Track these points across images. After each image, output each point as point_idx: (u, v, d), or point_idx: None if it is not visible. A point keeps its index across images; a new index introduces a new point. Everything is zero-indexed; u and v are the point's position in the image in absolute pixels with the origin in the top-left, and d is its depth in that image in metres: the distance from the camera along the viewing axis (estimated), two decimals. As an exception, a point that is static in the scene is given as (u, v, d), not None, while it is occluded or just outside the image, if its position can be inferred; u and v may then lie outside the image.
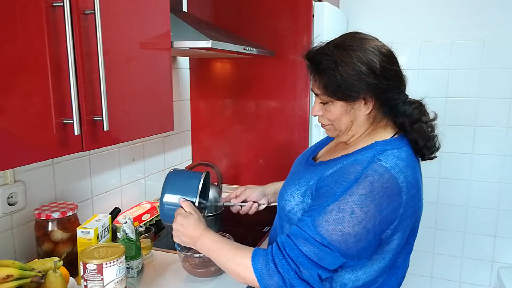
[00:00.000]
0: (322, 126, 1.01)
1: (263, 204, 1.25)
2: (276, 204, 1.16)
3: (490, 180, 2.18)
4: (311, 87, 0.98)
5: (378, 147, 0.92)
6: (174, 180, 1.09)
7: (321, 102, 0.96)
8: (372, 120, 0.96)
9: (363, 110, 0.93)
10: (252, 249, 0.91)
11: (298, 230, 0.87)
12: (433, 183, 2.28)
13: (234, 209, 1.24)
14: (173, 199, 1.06)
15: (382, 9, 2.22)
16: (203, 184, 1.08)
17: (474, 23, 2.08)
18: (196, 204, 1.05)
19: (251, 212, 1.23)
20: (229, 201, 1.23)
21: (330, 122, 0.97)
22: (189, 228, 1.00)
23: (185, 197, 1.05)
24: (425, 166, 1.02)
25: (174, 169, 1.14)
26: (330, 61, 0.89)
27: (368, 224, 0.83)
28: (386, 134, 0.96)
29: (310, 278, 0.83)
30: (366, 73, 0.88)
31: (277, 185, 1.27)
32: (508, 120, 2.11)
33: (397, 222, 0.87)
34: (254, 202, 1.23)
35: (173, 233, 1.03)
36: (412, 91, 0.96)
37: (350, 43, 0.91)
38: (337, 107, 0.94)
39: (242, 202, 1.23)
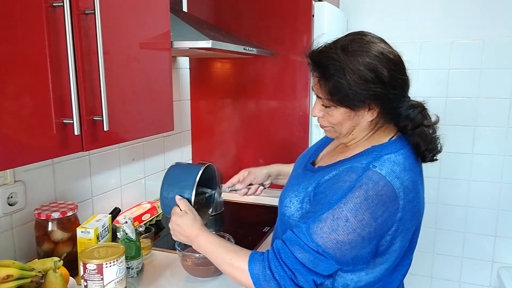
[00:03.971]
0: (321, 127, 1.00)
1: (267, 184, 1.26)
2: (277, 184, 1.22)
3: (490, 180, 2.18)
4: (311, 86, 0.96)
5: (375, 152, 0.91)
6: (173, 174, 1.10)
7: (322, 105, 0.94)
8: (374, 125, 0.95)
9: (366, 117, 0.91)
10: (248, 252, 0.92)
11: (293, 237, 0.87)
12: (433, 183, 2.28)
13: (240, 193, 1.23)
14: (170, 194, 1.07)
15: (382, 9, 2.22)
16: (208, 176, 1.09)
17: (474, 23, 2.08)
18: (192, 202, 1.06)
19: (257, 193, 1.24)
20: (234, 187, 1.22)
21: (331, 125, 0.96)
22: (184, 228, 1.00)
23: (182, 194, 1.06)
24: (425, 166, 1.01)
25: (176, 162, 1.14)
26: (338, 67, 0.86)
27: (363, 232, 0.83)
28: (385, 136, 0.95)
29: (306, 284, 0.85)
30: (373, 81, 0.85)
31: (280, 167, 1.28)
32: (508, 120, 2.11)
33: (395, 227, 0.87)
34: (259, 185, 1.24)
35: (171, 231, 1.05)
36: (412, 91, 0.96)
37: (358, 47, 0.87)
38: (340, 112, 0.91)
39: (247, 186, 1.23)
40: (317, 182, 0.93)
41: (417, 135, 0.93)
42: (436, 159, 0.97)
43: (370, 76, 0.85)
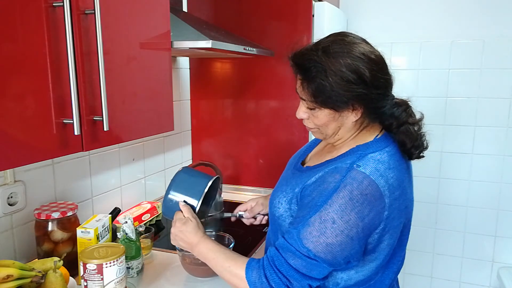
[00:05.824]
0: (307, 129, 1.00)
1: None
2: None
3: (490, 180, 2.18)
4: (296, 88, 0.95)
5: (359, 152, 0.91)
6: (182, 179, 1.10)
7: (307, 107, 0.94)
8: (359, 125, 0.95)
9: (350, 117, 0.91)
10: (246, 259, 0.93)
11: (285, 243, 0.88)
12: (433, 183, 2.27)
13: (246, 222, 1.30)
14: (176, 198, 1.07)
15: (382, 9, 2.22)
16: (210, 188, 1.09)
17: (474, 23, 2.08)
18: (197, 210, 1.06)
19: (263, 222, 1.31)
20: (243, 213, 1.29)
21: (316, 126, 0.96)
22: (187, 234, 1.01)
23: (187, 200, 1.06)
24: (425, 166, 1.02)
25: (185, 167, 1.15)
26: (319, 69, 0.86)
27: (351, 233, 0.83)
28: (370, 135, 0.95)
29: None
30: (355, 82, 0.85)
31: None
32: (508, 120, 2.11)
33: (382, 226, 0.87)
34: (263, 215, 1.29)
35: (171, 236, 1.05)
36: (412, 91, 0.96)
37: (339, 49, 0.87)
38: (325, 114, 0.92)
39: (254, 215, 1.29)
40: (304, 184, 0.94)
41: (402, 133, 0.93)
42: (423, 156, 0.97)
43: (352, 77, 0.85)
